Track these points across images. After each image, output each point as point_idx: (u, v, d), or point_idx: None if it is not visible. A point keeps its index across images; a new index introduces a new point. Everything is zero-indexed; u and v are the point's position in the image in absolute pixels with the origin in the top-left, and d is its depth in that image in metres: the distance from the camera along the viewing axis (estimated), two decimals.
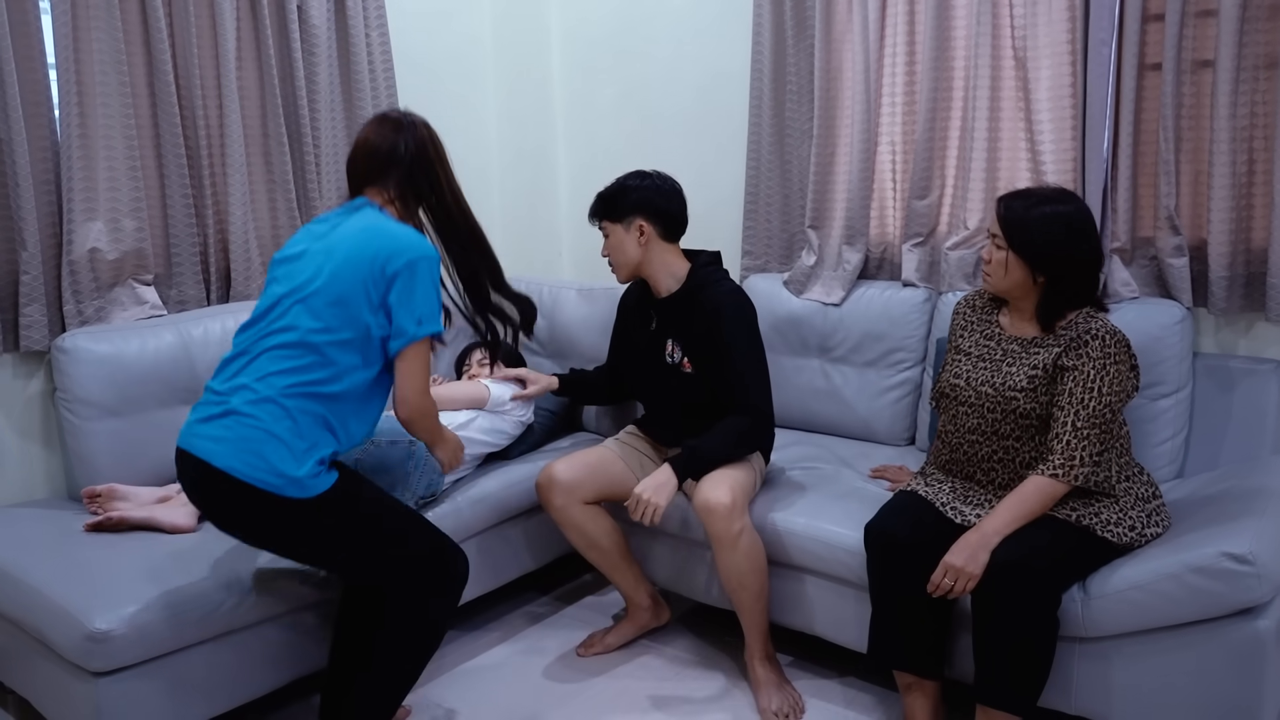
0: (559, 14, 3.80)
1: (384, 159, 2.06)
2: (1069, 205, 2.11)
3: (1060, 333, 2.11)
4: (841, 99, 3.05)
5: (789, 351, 3.15)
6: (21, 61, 2.50)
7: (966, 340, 2.28)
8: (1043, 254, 2.08)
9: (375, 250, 1.94)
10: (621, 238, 2.57)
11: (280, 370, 1.92)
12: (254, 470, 1.87)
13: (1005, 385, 2.13)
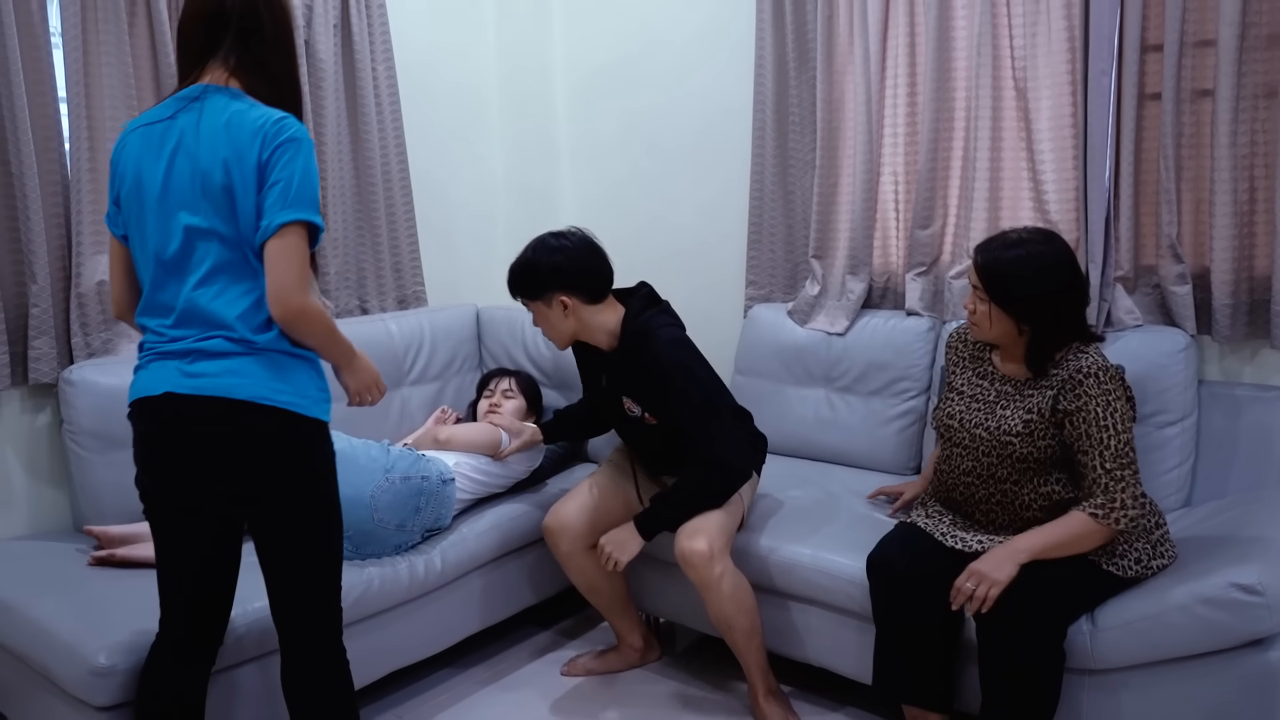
0: (563, 48, 3.84)
1: (215, 14, 1.72)
2: (1044, 246, 2.07)
3: (1052, 373, 2.08)
4: (844, 130, 3.07)
5: (793, 381, 3.16)
6: (33, 96, 2.54)
7: (959, 377, 2.26)
8: (1024, 304, 2.05)
9: (245, 143, 1.67)
10: (546, 314, 2.48)
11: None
12: (277, 394, 1.72)
13: (1000, 429, 2.09)
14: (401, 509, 2.47)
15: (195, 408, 1.71)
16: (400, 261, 3.43)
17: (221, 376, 1.70)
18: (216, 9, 1.71)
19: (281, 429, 1.74)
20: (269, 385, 1.72)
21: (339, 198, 3.22)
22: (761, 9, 3.16)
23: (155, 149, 1.74)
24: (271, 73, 1.75)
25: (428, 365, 3.29)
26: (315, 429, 1.79)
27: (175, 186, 1.72)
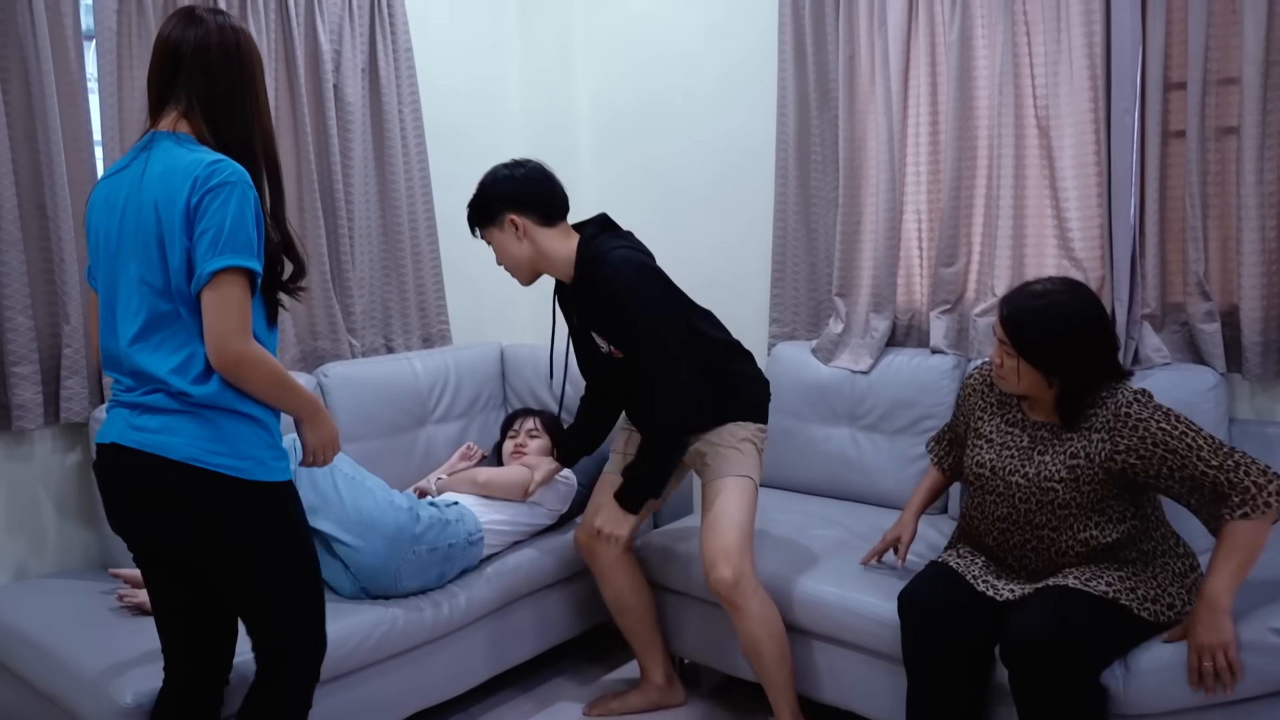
0: (586, 89, 3.88)
1: (173, 59, 1.69)
2: (1069, 296, 2.01)
3: (1091, 415, 2.01)
4: (866, 168, 3.09)
5: (818, 419, 3.14)
6: (69, 140, 2.59)
7: (986, 424, 2.19)
8: (1054, 358, 1.99)
9: (174, 191, 1.62)
10: (501, 241, 2.42)
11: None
12: (214, 456, 1.66)
13: (1040, 475, 2.03)
14: (426, 574, 2.49)
15: (135, 462, 1.68)
16: (425, 300, 3.46)
17: (159, 434, 1.66)
18: (173, 54, 1.68)
19: (215, 495, 1.67)
20: (202, 446, 1.65)
21: (366, 238, 3.26)
22: (783, 50, 3.19)
23: (111, 200, 1.71)
24: (222, 118, 1.70)
25: (452, 403, 3.30)
26: (260, 493, 1.70)
27: (124, 236, 1.68)
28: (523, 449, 2.97)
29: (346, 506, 2.39)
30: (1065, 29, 2.65)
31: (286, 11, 3.00)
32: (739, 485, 2.42)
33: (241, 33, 1.73)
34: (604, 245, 2.36)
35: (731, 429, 2.46)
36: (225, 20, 1.72)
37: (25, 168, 2.53)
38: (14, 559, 2.62)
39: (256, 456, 1.70)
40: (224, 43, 1.69)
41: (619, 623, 2.68)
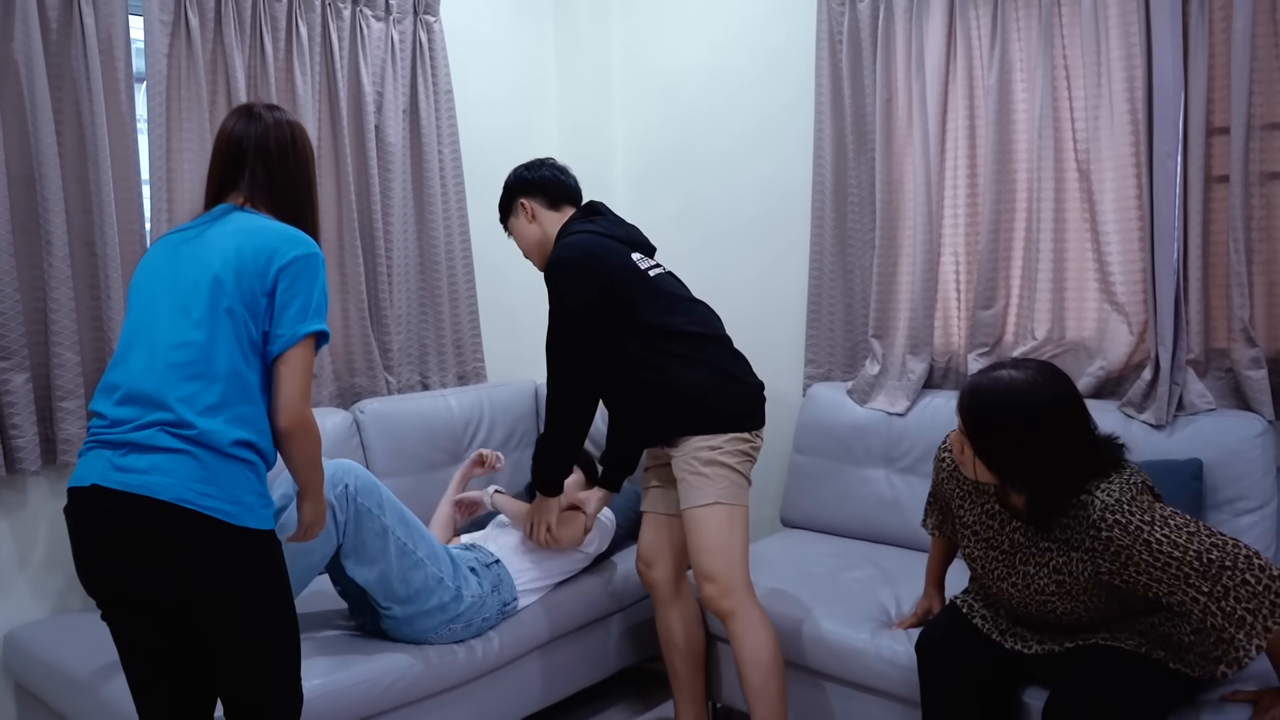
0: (623, 128, 3.92)
1: (235, 152, 1.83)
2: (1025, 385, 1.78)
3: (1064, 522, 1.83)
4: (903, 210, 3.08)
5: (853, 461, 3.12)
6: (119, 179, 2.64)
7: (967, 512, 2.03)
8: (1014, 465, 1.80)
9: (256, 248, 1.73)
10: (516, 226, 2.57)
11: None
12: (205, 499, 1.66)
13: (1032, 589, 1.90)
14: (455, 639, 2.47)
15: (118, 504, 1.64)
16: (461, 338, 3.48)
17: (148, 474, 1.64)
18: (236, 148, 1.83)
19: (204, 538, 1.65)
20: (193, 487, 1.64)
21: (404, 276, 3.29)
22: (820, 93, 3.21)
23: (172, 249, 1.79)
24: (281, 202, 1.84)
25: (486, 441, 3.31)
26: (247, 540, 1.69)
27: (180, 278, 1.74)
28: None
29: (394, 577, 2.32)
30: (1106, 73, 2.65)
31: (331, 54, 3.05)
32: (703, 517, 2.31)
33: (296, 126, 1.88)
34: (571, 228, 2.44)
35: (695, 448, 2.31)
36: (281, 116, 1.87)
37: (76, 206, 2.59)
38: (54, 593, 2.65)
39: (246, 502, 1.69)
40: (280, 137, 1.84)
41: (664, 656, 2.66)
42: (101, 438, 1.70)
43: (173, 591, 1.68)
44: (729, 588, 2.30)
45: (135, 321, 1.77)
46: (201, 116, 2.77)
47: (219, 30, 2.81)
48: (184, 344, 1.70)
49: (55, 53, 2.54)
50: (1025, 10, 2.80)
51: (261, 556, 1.72)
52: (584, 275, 2.29)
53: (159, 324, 1.73)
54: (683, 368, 2.32)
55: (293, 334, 1.72)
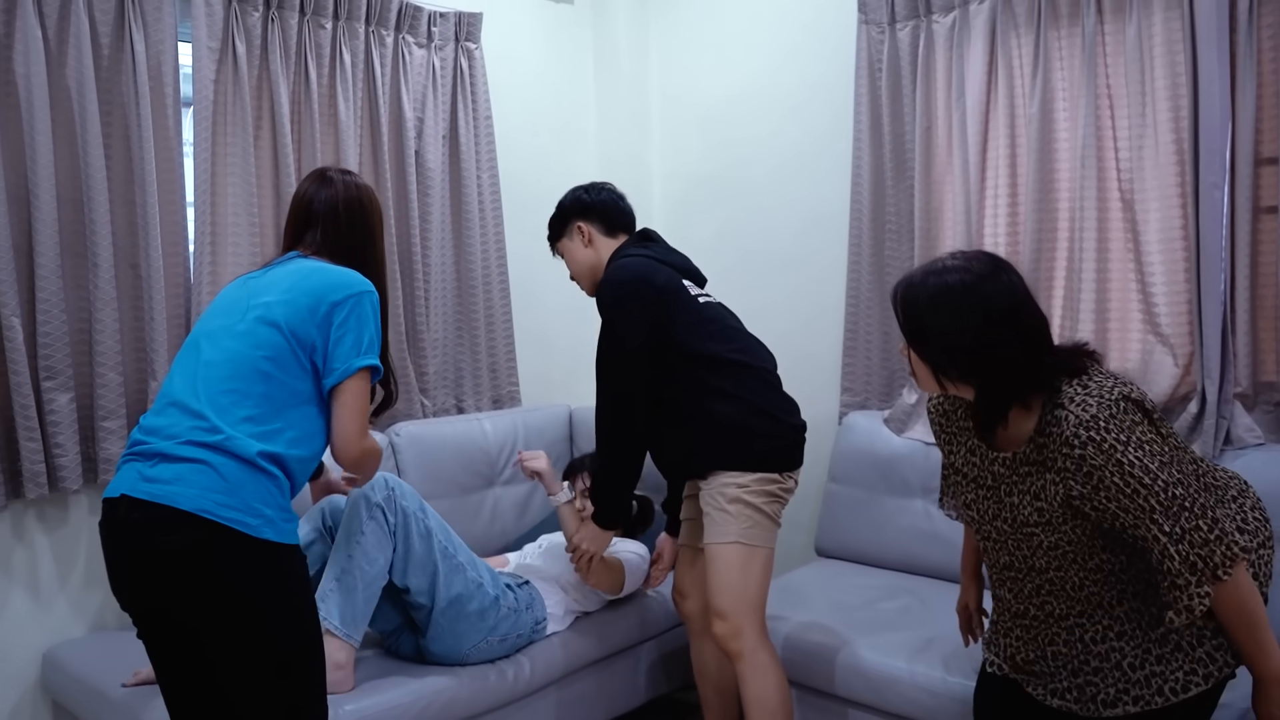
0: (660, 153, 3.93)
1: (305, 212, 1.97)
2: (959, 275, 1.66)
3: (1039, 442, 1.69)
4: (942, 238, 3.06)
5: (890, 491, 3.09)
6: (164, 202, 2.69)
7: (957, 455, 1.90)
8: (941, 355, 1.68)
9: (313, 284, 1.82)
10: (569, 249, 2.54)
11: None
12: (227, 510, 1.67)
13: (1017, 520, 1.76)
14: (491, 653, 2.46)
15: (142, 514, 1.67)
16: (496, 362, 3.49)
17: (171, 484, 1.66)
18: (306, 209, 1.97)
19: (222, 546, 1.65)
20: (214, 499, 1.65)
21: (441, 300, 3.31)
22: (859, 119, 3.20)
23: (238, 286, 1.90)
24: (345, 255, 1.93)
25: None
26: (261, 550, 1.69)
27: (235, 305, 1.83)
28: (584, 514, 2.89)
29: (440, 581, 2.33)
30: (1150, 102, 2.62)
31: (373, 80, 3.09)
32: (721, 554, 2.27)
33: (364, 189, 2.01)
34: (622, 252, 2.44)
35: (722, 484, 2.27)
36: (352, 180, 2.00)
37: (122, 228, 2.63)
38: (92, 611, 2.67)
39: (267, 515, 1.70)
40: (348, 198, 1.97)
41: (697, 687, 2.63)
42: (136, 449, 1.74)
43: (188, 602, 1.67)
44: (738, 629, 2.25)
45: (187, 344, 1.84)
46: (246, 141, 2.81)
47: (265, 57, 2.86)
48: (227, 359, 1.75)
49: (106, 78, 2.59)
50: (1068, 38, 2.78)
51: (282, 570, 1.73)
52: (636, 301, 2.28)
53: (205, 342, 1.79)
54: (716, 400, 2.28)
55: (346, 368, 1.77)
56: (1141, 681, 1.70)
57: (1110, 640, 1.74)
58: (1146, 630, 1.71)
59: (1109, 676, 1.73)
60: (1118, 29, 2.69)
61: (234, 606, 1.68)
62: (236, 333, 1.78)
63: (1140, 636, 1.71)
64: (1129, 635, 1.72)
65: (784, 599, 2.85)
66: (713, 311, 2.40)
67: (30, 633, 2.57)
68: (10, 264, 2.42)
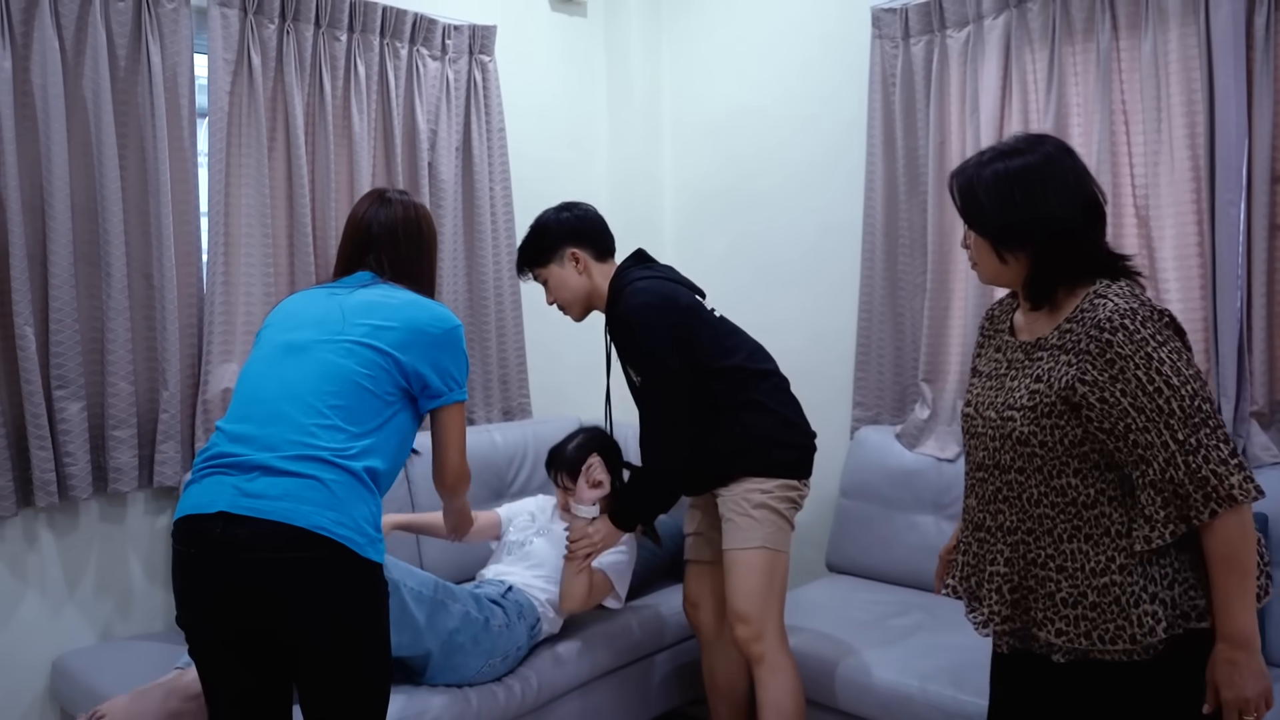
0: (672, 166, 3.93)
1: (363, 234, 1.99)
2: (1027, 156, 1.62)
3: (1065, 329, 1.62)
4: (955, 254, 3.05)
5: (901, 507, 3.07)
6: (178, 212, 2.70)
7: (982, 359, 1.83)
8: (1001, 228, 1.63)
9: (427, 316, 1.89)
10: (560, 276, 2.46)
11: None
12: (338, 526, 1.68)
13: (1004, 404, 1.67)
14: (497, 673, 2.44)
15: (247, 530, 1.63)
16: (507, 373, 3.49)
17: (281, 500, 1.64)
18: (365, 231, 1.98)
19: (334, 565, 1.66)
20: (327, 515, 1.65)
21: (452, 310, 3.30)
22: (872, 134, 3.20)
23: (325, 298, 1.91)
24: (408, 277, 1.98)
25: (530, 477, 3.30)
26: (367, 571, 1.71)
27: (328, 321, 1.84)
28: (567, 506, 2.66)
29: (424, 633, 2.26)
30: (1166, 119, 2.61)
31: (387, 92, 3.10)
32: (746, 559, 2.31)
33: (422, 210, 2.05)
34: (631, 275, 2.41)
35: (745, 490, 2.32)
36: (410, 200, 2.04)
37: (136, 238, 2.64)
38: (101, 620, 2.67)
39: (369, 534, 1.71)
40: (407, 219, 2.00)
41: (708, 699, 2.62)
42: (226, 461, 1.70)
43: (284, 620, 1.67)
44: (761, 632, 2.29)
45: (267, 351, 1.84)
46: (260, 152, 2.82)
47: (280, 69, 2.87)
48: (330, 374, 1.76)
49: (122, 89, 2.61)
50: (1083, 54, 2.77)
51: (372, 589, 1.74)
52: (665, 325, 2.30)
53: (298, 354, 1.80)
54: (745, 411, 2.35)
55: (451, 397, 1.88)
56: (1072, 619, 1.60)
57: (1049, 570, 1.64)
58: (1089, 576, 1.60)
59: (1042, 602, 1.64)
60: (1133, 44, 2.68)
61: (340, 626, 1.69)
62: (339, 348, 1.79)
63: (1079, 577, 1.61)
64: (1068, 573, 1.62)
65: (795, 614, 2.83)
66: (728, 325, 2.46)
67: (40, 641, 2.57)
68: (25, 273, 2.44)
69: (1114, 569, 1.57)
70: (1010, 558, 1.68)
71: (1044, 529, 1.65)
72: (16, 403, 2.48)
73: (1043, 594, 1.64)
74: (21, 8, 2.44)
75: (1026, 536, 1.66)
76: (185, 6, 2.67)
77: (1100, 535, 1.60)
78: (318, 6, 2.90)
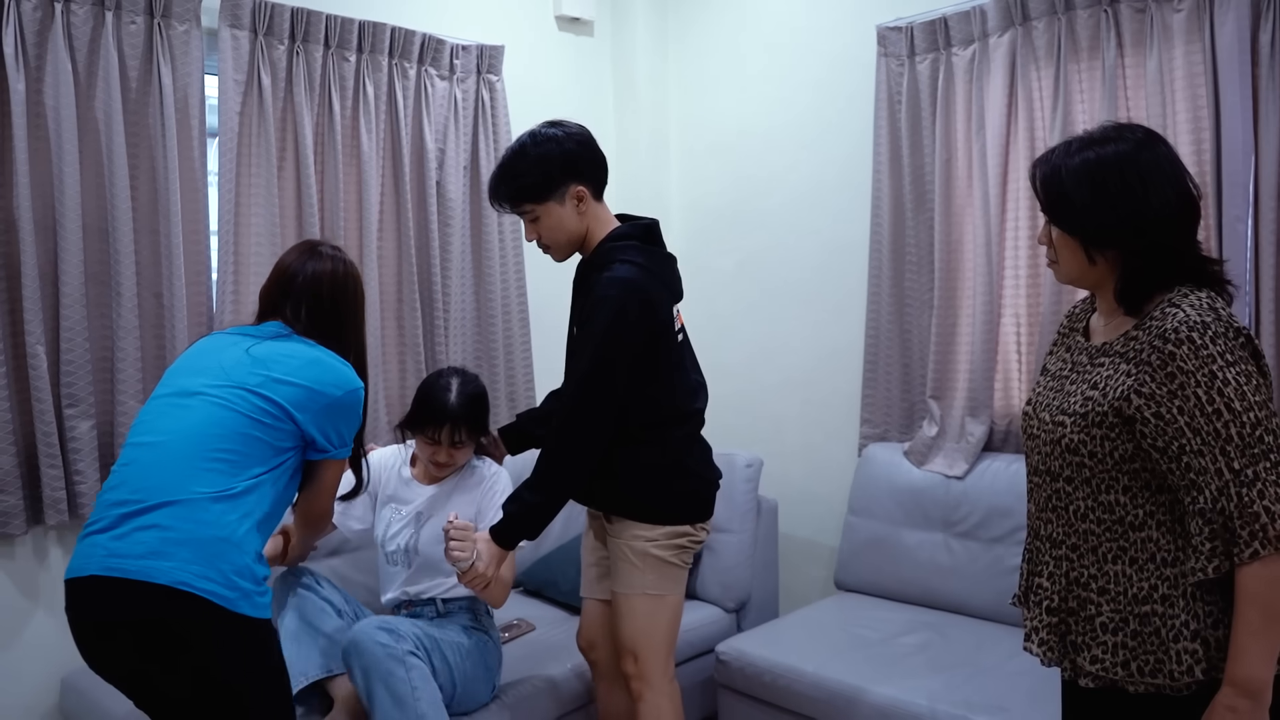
0: (679, 185, 3.94)
1: (286, 283, 1.97)
2: (1118, 144, 1.51)
3: (1132, 334, 1.52)
4: (963, 270, 3.05)
5: (909, 524, 3.06)
6: (188, 232, 2.72)
7: (1053, 358, 1.73)
8: (1092, 225, 1.51)
9: (319, 375, 1.86)
10: (559, 215, 2.14)
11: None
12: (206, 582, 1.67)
13: (1059, 409, 1.59)
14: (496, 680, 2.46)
15: (115, 592, 1.64)
16: (515, 390, 3.49)
17: (145, 558, 1.64)
18: (290, 280, 1.98)
19: (201, 622, 1.64)
20: (191, 569, 1.64)
21: (460, 329, 3.32)
22: (878, 151, 3.21)
23: (234, 345, 1.89)
24: (327, 335, 1.96)
25: None
26: (237, 625, 1.67)
27: (232, 371, 1.83)
28: (442, 467, 2.42)
29: (419, 701, 2.17)
30: (1172, 135, 2.60)
31: (395, 112, 3.12)
32: (629, 603, 2.23)
33: (351, 267, 2.03)
34: (620, 253, 2.12)
35: (630, 535, 2.19)
36: (340, 256, 2.02)
37: (146, 258, 2.66)
38: None
39: (241, 587, 1.68)
40: (334, 275, 1.99)
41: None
42: (99, 525, 1.70)
43: (170, 678, 1.67)
44: (643, 671, 2.24)
45: (169, 395, 1.84)
46: (270, 171, 2.84)
47: (289, 89, 2.89)
48: (220, 424, 1.76)
49: (134, 110, 2.63)
50: (1088, 71, 2.78)
51: (261, 645, 1.75)
52: (641, 329, 2.08)
53: (194, 401, 1.79)
54: (646, 450, 2.16)
55: (334, 453, 1.92)
56: (1110, 647, 1.53)
57: (1091, 591, 1.56)
58: (1130, 602, 1.52)
59: (1081, 625, 1.57)
60: (1138, 61, 2.68)
61: (214, 683, 1.69)
62: (232, 395, 1.79)
63: (1121, 602, 1.53)
64: (1110, 596, 1.54)
65: (803, 633, 2.83)
66: (679, 353, 2.24)
67: (49, 658, 2.57)
68: (36, 292, 2.46)
69: (1156, 598, 1.49)
70: (1054, 572, 1.62)
71: (1088, 546, 1.57)
72: (27, 421, 2.49)
73: (1083, 616, 1.57)
74: (35, 30, 2.46)
75: (1071, 552, 1.59)
76: (196, 28, 2.70)
77: (1145, 560, 1.52)
78: (327, 27, 2.93)
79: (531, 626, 2.91)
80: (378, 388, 3.07)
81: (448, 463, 2.41)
